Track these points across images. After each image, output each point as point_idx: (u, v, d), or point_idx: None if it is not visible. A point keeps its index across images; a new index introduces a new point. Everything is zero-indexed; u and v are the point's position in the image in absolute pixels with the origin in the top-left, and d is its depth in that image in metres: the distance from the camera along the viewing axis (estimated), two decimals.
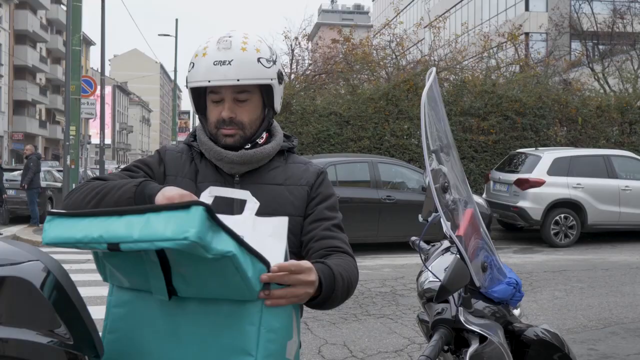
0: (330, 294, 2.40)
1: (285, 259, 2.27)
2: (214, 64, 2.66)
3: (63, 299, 2.02)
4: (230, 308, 2.15)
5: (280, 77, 2.84)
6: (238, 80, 2.68)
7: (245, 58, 2.70)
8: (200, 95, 2.84)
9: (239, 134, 2.79)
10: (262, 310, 2.11)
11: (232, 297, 2.14)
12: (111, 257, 2.19)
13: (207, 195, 2.47)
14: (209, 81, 2.68)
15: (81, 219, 2.08)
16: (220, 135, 2.78)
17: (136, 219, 2.00)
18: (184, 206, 1.95)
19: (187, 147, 2.92)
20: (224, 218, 2.21)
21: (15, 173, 26.09)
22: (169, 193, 2.34)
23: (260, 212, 2.50)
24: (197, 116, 2.96)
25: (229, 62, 2.66)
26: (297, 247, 2.78)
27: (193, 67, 2.73)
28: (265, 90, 2.82)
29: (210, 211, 1.97)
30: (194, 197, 2.32)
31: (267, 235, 2.34)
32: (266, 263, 2.11)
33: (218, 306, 2.16)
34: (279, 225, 2.38)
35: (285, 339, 2.18)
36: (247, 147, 2.81)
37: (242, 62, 2.69)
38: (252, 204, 2.44)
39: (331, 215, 2.86)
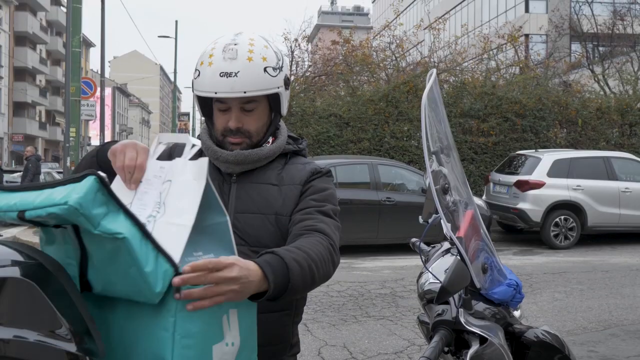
0: (285, 285, 2.24)
1: (204, 199, 2.19)
2: (220, 76, 2.64)
3: (64, 299, 2.02)
4: (149, 312, 2.09)
5: (287, 82, 2.85)
6: (245, 92, 2.67)
7: (252, 69, 2.68)
8: (207, 101, 2.83)
9: (246, 142, 2.80)
10: (176, 314, 2.04)
11: (133, 296, 2.08)
12: (46, 244, 2.20)
13: (156, 142, 2.43)
14: (216, 93, 2.67)
15: (13, 193, 2.11)
16: (227, 143, 2.79)
17: (47, 191, 2.02)
18: (81, 177, 1.97)
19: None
20: (165, 165, 2.31)
21: (15, 175, 26.14)
22: (116, 145, 2.35)
23: (246, 210, 2.66)
24: (197, 118, 3.01)
25: (235, 74, 2.65)
26: (274, 240, 2.73)
27: (199, 75, 2.71)
28: (272, 97, 2.82)
29: (103, 182, 1.96)
30: (138, 145, 2.35)
31: (191, 178, 2.26)
32: (174, 265, 2.03)
33: (140, 310, 2.11)
34: (199, 165, 2.26)
35: (207, 343, 2.10)
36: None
37: (249, 73, 2.67)
38: (190, 147, 2.38)
39: (316, 204, 2.78)
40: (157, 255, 2.02)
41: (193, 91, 2.76)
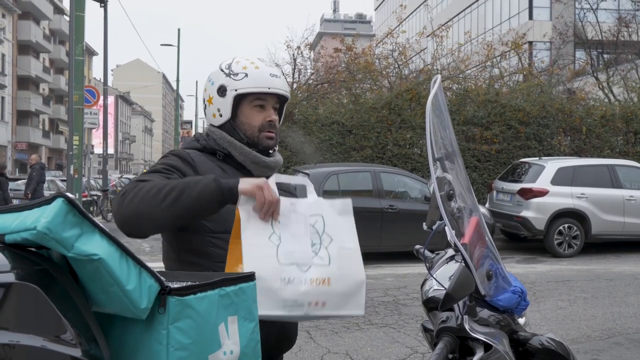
0: None
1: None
2: (271, 75, 3.12)
3: (69, 304, 2.02)
4: (143, 326, 2.11)
5: None
6: (286, 92, 3.18)
7: (282, 75, 3.22)
8: (237, 103, 3.16)
9: (275, 137, 3.22)
10: (168, 327, 2.06)
11: (122, 312, 2.10)
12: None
13: (274, 181, 2.79)
14: (269, 88, 3.11)
15: None
16: (264, 138, 3.17)
17: (24, 214, 2.04)
18: (52, 199, 1.98)
19: (204, 153, 3.15)
20: (295, 202, 2.78)
21: (20, 182, 26.16)
22: (243, 183, 2.69)
23: None
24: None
25: (279, 76, 3.16)
26: None
27: (247, 76, 3.10)
28: (281, 104, 3.30)
29: (73, 204, 1.96)
30: (268, 183, 2.70)
31: (335, 214, 2.85)
32: (159, 280, 2.09)
33: (134, 324, 2.14)
34: (345, 204, 2.89)
35: (202, 353, 2.12)
36: (271, 151, 3.24)
37: (283, 78, 3.21)
38: (312, 187, 2.91)
39: None
40: (141, 271, 2.04)
41: (237, 92, 3.11)
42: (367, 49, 30.28)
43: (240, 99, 3.12)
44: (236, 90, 3.08)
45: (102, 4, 31.88)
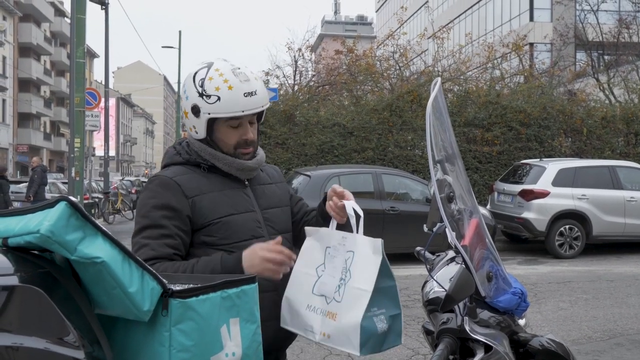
0: None
1: (381, 268, 2.94)
2: (245, 96, 3.03)
3: (72, 307, 2.03)
4: (145, 328, 2.13)
5: None
6: (262, 106, 3.11)
7: (262, 86, 3.13)
8: (212, 122, 3.11)
9: (252, 151, 3.23)
10: (171, 329, 2.08)
11: (124, 315, 2.12)
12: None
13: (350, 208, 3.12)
14: (243, 111, 3.04)
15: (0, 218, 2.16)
16: (240, 155, 3.17)
17: (27, 217, 2.06)
18: (55, 202, 2.00)
19: (187, 166, 3.18)
20: (347, 236, 3.03)
21: (21, 185, 26.14)
22: (249, 267, 2.85)
23: (269, 206, 3.27)
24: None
25: (255, 93, 3.05)
26: (290, 228, 3.44)
27: (219, 100, 3.01)
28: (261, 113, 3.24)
29: (76, 207, 1.98)
30: (266, 250, 2.86)
31: (367, 251, 2.99)
32: (161, 282, 2.11)
33: (137, 326, 2.15)
34: (376, 244, 3.00)
35: (204, 355, 2.14)
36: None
37: (262, 90, 3.11)
38: (360, 222, 3.09)
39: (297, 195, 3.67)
40: (143, 274, 2.05)
41: (210, 116, 3.07)
42: (368, 50, 30.30)
43: (213, 120, 3.08)
44: (209, 114, 3.04)
45: (103, 6, 31.86)
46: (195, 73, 3.10)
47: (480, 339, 2.95)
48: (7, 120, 68.56)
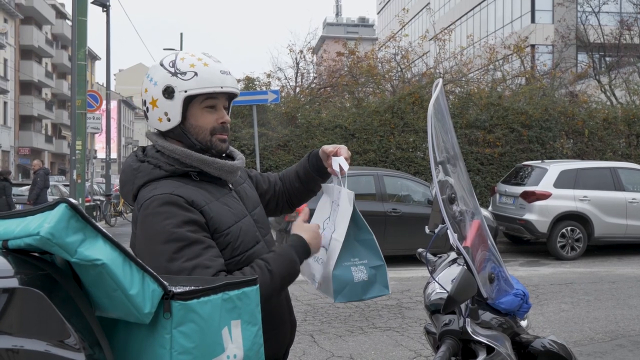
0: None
1: (356, 221, 3.22)
2: (222, 73, 2.88)
3: (72, 309, 2.02)
4: (146, 330, 2.13)
5: None
6: (237, 90, 2.99)
7: (229, 70, 2.96)
8: (185, 105, 2.90)
9: (228, 138, 3.04)
10: (172, 331, 2.07)
11: (125, 317, 2.11)
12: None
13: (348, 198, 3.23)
14: (222, 87, 2.87)
15: (1, 220, 2.16)
16: (217, 141, 2.96)
17: (28, 219, 2.05)
18: (55, 204, 1.99)
19: (173, 179, 2.86)
20: (340, 190, 3.21)
21: (24, 188, 26.17)
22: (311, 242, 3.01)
23: (254, 207, 3.17)
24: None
25: (229, 73, 2.92)
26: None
27: (196, 75, 2.83)
28: (229, 102, 3.09)
29: (76, 209, 1.97)
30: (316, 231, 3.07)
31: (345, 202, 3.21)
32: (162, 284, 2.10)
33: (138, 328, 2.15)
34: (350, 195, 3.22)
35: (205, 357, 2.13)
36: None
37: (232, 73, 2.96)
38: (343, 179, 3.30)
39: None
40: (144, 276, 2.05)
41: (186, 93, 2.86)
42: (369, 52, 30.29)
43: (189, 101, 2.86)
44: (186, 91, 2.82)
45: (105, 9, 31.93)
46: (162, 60, 2.96)
47: (482, 340, 2.95)
48: (9, 123, 68.60)
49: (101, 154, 61.67)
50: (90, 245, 1.96)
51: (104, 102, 31.49)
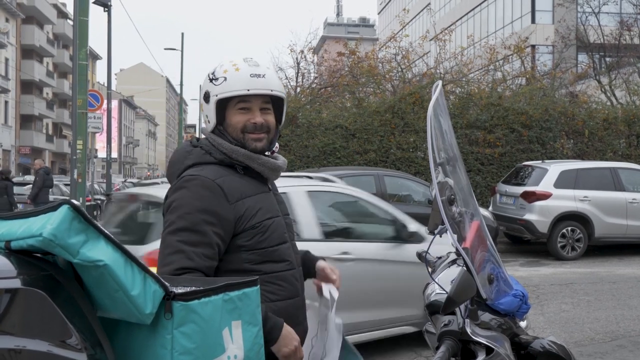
0: None
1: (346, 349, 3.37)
2: (251, 76, 3.06)
3: (74, 310, 2.03)
4: (148, 331, 2.14)
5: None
6: (272, 90, 3.11)
7: (273, 73, 3.16)
8: (222, 106, 3.12)
9: (266, 137, 3.17)
10: (173, 332, 2.09)
11: (127, 318, 2.13)
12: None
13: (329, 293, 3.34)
14: (248, 90, 3.05)
15: (3, 221, 2.20)
16: (249, 140, 3.13)
17: (30, 220, 2.07)
18: (58, 205, 2.01)
19: (221, 166, 3.10)
20: (331, 315, 3.25)
21: (25, 187, 26.18)
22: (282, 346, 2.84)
23: (285, 212, 3.31)
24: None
25: (263, 76, 3.08)
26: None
27: (225, 80, 3.08)
28: (278, 104, 3.24)
29: (78, 210, 1.98)
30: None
31: (335, 331, 3.31)
32: (163, 285, 2.12)
33: (140, 329, 2.16)
34: (339, 326, 3.33)
35: (206, 358, 2.14)
36: (267, 153, 3.22)
37: (272, 76, 3.14)
38: (334, 301, 3.34)
39: None
40: (145, 277, 2.05)
41: (218, 97, 3.10)
42: (370, 52, 30.32)
43: (225, 104, 3.12)
44: (217, 95, 3.09)
45: (106, 9, 31.89)
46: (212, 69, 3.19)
47: (482, 341, 2.96)
48: (10, 122, 68.58)
49: (102, 154, 61.62)
50: (93, 247, 1.97)
51: (105, 101, 31.45)
